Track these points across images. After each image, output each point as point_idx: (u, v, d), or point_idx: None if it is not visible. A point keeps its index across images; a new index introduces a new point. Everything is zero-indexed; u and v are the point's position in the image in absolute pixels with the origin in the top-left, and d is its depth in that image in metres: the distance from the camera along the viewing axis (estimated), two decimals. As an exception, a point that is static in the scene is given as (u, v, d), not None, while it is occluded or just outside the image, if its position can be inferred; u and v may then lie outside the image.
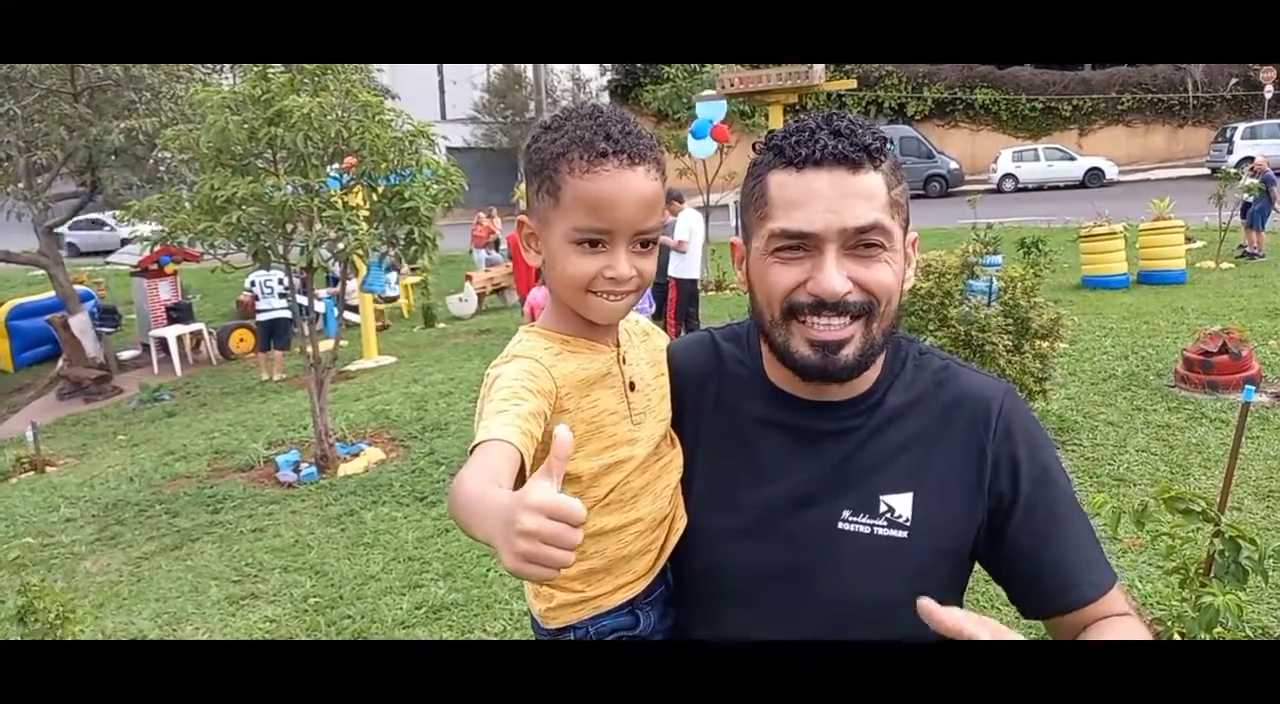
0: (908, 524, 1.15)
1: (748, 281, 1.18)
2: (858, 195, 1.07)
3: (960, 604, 1.25)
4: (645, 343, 1.30)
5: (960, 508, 1.16)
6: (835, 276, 1.07)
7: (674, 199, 9.33)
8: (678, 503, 1.24)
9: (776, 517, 1.18)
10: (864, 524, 1.15)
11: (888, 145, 1.10)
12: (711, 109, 11.66)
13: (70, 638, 3.51)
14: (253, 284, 11.33)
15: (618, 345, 1.23)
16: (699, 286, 9.64)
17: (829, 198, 1.07)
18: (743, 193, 1.18)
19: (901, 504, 1.15)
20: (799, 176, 1.08)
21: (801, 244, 1.09)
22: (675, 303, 9.13)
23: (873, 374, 1.19)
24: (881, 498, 1.16)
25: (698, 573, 1.24)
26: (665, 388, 1.27)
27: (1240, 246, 13.00)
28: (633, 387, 1.21)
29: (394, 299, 15.47)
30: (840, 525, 1.16)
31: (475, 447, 0.98)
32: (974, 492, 1.16)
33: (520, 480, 0.97)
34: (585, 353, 1.18)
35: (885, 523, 1.15)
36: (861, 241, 1.08)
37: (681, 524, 1.24)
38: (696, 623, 1.25)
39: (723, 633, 1.21)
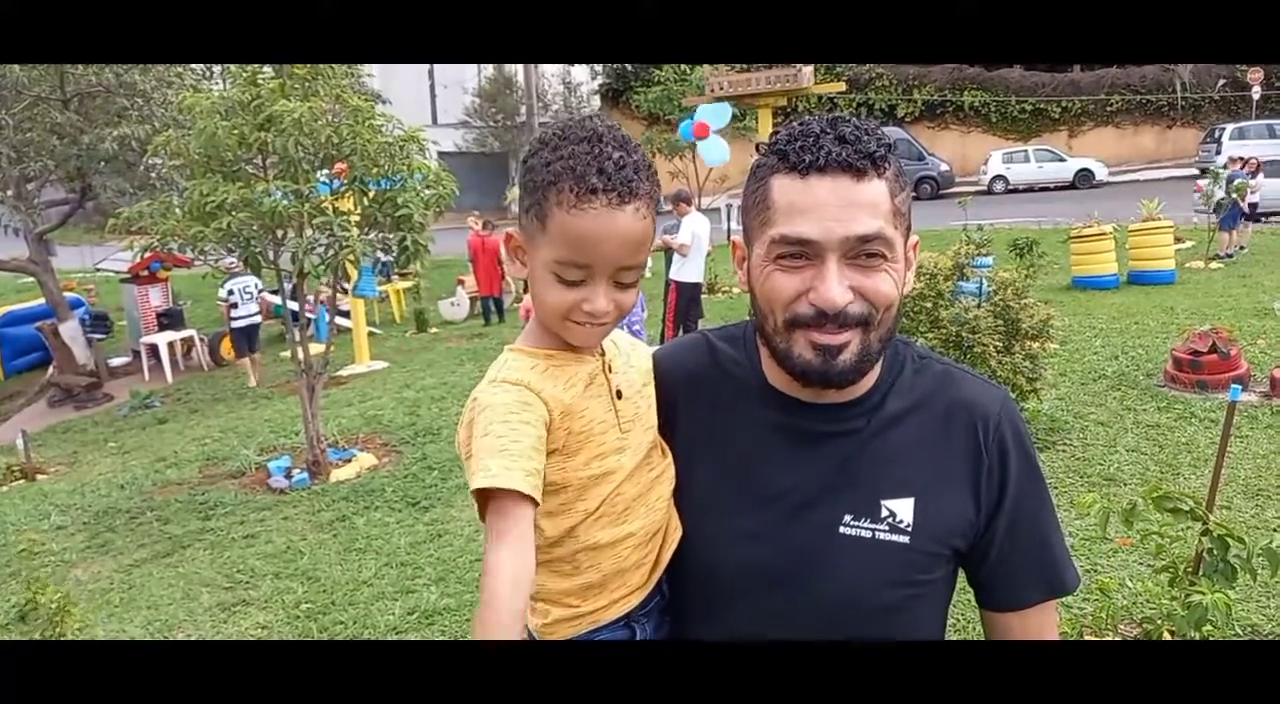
0: (909, 529, 1.15)
1: (749, 283, 1.17)
2: (861, 204, 1.06)
3: (949, 602, 1.26)
4: (633, 352, 1.29)
5: (957, 513, 1.17)
6: (836, 288, 1.06)
7: (682, 200, 9.27)
8: (671, 514, 1.23)
9: (775, 519, 1.17)
10: (865, 528, 1.15)
11: (892, 151, 1.09)
12: (713, 113, 11.17)
13: (68, 634, 3.52)
14: (230, 293, 11.31)
15: (602, 354, 1.22)
16: (701, 291, 9.54)
17: (832, 206, 1.05)
18: (744, 194, 1.16)
19: (903, 509, 1.15)
20: (803, 183, 1.07)
21: (803, 251, 1.08)
22: (674, 306, 9.08)
23: (871, 377, 1.19)
24: (882, 502, 1.16)
25: (695, 576, 1.23)
26: (652, 397, 1.26)
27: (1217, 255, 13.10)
28: (619, 394, 1.20)
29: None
30: (841, 529, 1.15)
31: (483, 492, 1.02)
32: (969, 496, 1.18)
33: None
34: (571, 365, 1.17)
35: (886, 528, 1.15)
36: (863, 251, 1.07)
37: (676, 535, 1.23)
38: (694, 627, 1.24)
39: (720, 637, 1.19)
